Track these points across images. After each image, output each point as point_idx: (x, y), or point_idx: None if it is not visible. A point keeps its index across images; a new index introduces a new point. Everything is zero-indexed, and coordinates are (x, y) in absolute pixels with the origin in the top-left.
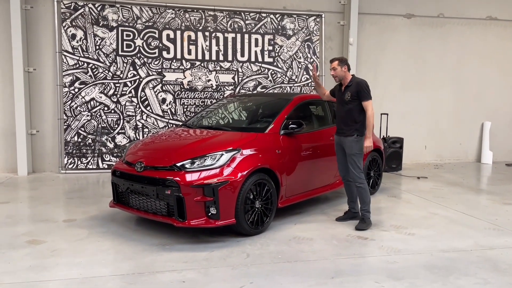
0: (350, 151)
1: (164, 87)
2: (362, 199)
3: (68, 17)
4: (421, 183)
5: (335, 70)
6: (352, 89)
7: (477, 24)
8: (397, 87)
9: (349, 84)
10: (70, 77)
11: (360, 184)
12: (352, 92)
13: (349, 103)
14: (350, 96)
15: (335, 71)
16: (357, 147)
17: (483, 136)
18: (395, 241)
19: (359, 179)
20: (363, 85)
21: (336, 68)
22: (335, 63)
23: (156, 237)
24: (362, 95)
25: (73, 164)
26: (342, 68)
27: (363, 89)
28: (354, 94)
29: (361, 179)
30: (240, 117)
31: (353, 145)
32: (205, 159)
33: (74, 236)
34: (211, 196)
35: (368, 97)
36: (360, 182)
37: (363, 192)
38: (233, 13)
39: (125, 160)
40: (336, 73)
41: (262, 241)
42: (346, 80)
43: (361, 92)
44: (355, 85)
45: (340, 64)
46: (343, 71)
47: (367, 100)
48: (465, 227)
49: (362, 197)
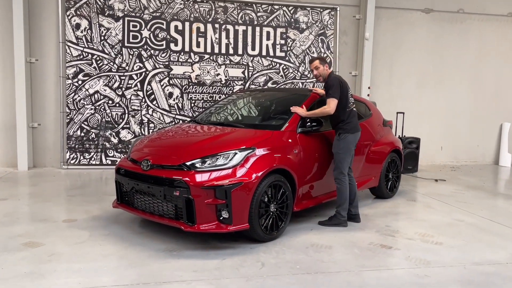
0: (333, 149)
1: (171, 81)
2: (338, 199)
3: (73, 5)
4: (440, 186)
5: (317, 69)
6: (325, 86)
7: (498, 20)
8: (413, 85)
9: (324, 82)
10: (73, 69)
11: (338, 184)
12: (325, 89)
13: (326, 101)
14: (325, 94)
15: (318, 70)
16: (340, 146)
17: (501, 137)
18: (423, 251)
19: (337, 179)
20: (330, 82)
21: (318, 67)
22: (316, 62)
23: (162, 241)
24: (327, 92)
25: (75, 160)
26: (324, 67)
27: (329, 86)
28: (326, 91)
29: (339, 180)
30: (253, 113)
31: (336, 143)
32: (217, 158)
33: (74, 238)
34: (223, 198)
35: (331, 95)
36: (339, 182)
37: (339, 193)
38: (244, 5)
39: (131, 157)
40: (320, 72)
41: (278, 249)
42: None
43: (327, 90)
44: (327, 82)
45: (321, 63)
46: (325, 70)
47: (329, 98)
48: (495, 236)
49: (338, 197)
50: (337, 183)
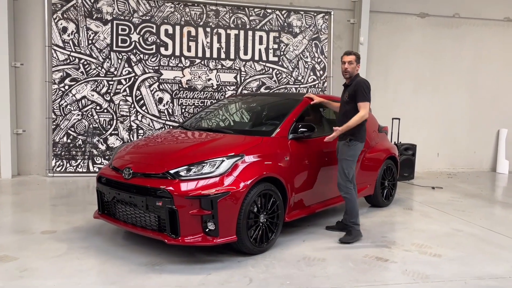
0: (341, 156)
1: (161, 86)
2: (349, 211)
3: (59, 8)
4: (437, 194)
5: (350, 65)
6: (350, 89)
7: (494, 25)
8: (409, 90)
9: (349, 83)
10: (60, 73)
11: (345, 194)
12: (350, 92)
13: (347, 104)
14: (348, 97)
15: (349, 65)
16: (349, 153)
17: (499, 144)
18: (421, 264)
19: (345, 187)
20: (361, 84)
21: (352, 63)
22: (352, 57)
23: (145, 254)
24: (359, 95)
25: (61, 167)
26: (356, 66)
27: (360, 89)
28: (352, 94)
29: (347, 188)
30: (243, 119)
31: (345, 149)
32: (203, 166)
33: (51, 251)
34: (209, 209)
35: (365, 98)
36: (346, 191)
37: (349, 203)
38: (236, 8)
39: (112, 165)
40: (351, 68)
41: (267, 262)
42: (351, 80)
43: (358, 92)
44: (354, 84)
45: (357, 60)
46: (356, 69)
47: (362, 101)
48: (496, 247)
49: (349, 208)
50: (345, 192)
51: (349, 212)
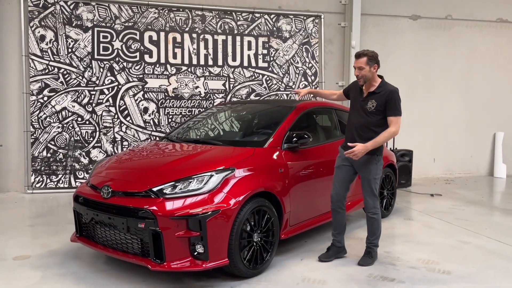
0: (368, 175)
1: (146, 95)
2: (373, 231)
3: (36, 16)
4: (436, 202)
5: (361, 70)
6: (380, 98)
7: (487, 26)
8: (402, 94)
9: (377, 91)
10: (38, 84)
11: (374, 215)
12: (379, 102)
13: (372, 115)
14: (375, 107)
15: (360, 72)
16: (377, 171)
17: (495, 147)
18: (430, 283)
19: (374, 208)
20: (396, 95)
21: (363, 68)
22: (362, 61)
23: (127, 281)
24: (391, 108)
25: (41, 183)
26: (371, 68)
27: (394, 101)
28: (381, 104)
29: (376, 208)
30: (233, 129)
31: (372, 167)
32: (190, 182)
33: (22, 280)
34: (198, 230)
35: (399, 112)
36: (375, 211)
37: (375, 224)
38: (223, 13)
39: (90, 183)
40: (362, 73)
41: (262, 286)
42: (373, 84)
43: (391, 105)
44: (386, 94)
45: (369, 63)
46: (371, 72)
47: (396, 116)
48: (508, 260)
49: (374, 229)
50: (373, 213)
51: (373, 233)
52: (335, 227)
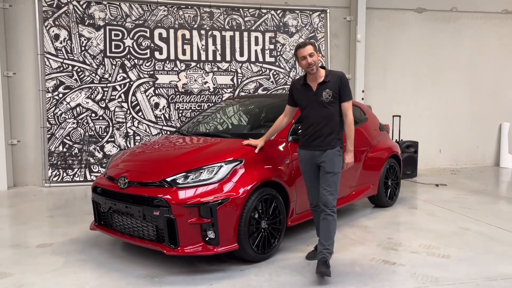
0: (333, 168)
1: (157, 91)
2: (329, 235)
3: (51, 16)
4: (441, 191)
5: (312, 57)
6: (334, 85)
7: (492, 18)
8: (408, 87)
9: (327, 79)
10: (53, 82)
11: (334, 214)
12: (334, 88)
13: (331, 104)
14: (331, 95)
15: (312, 58)
16: (340, 164)
17: (501, 138)
18: (430, 266)
19: (333, 206)
20: (346, 79)
21: (313, 54)
22: (310, 48)
23: (144, 266)
24: (346, 93)
25: (58, 177)
26: (317, 55)
27: (347, 85)
28: (336, 91)
29: (334, 207)
30: (240, 122)
31: (337, 160)
32: (201, 173)
33: (47, 266)
34: (209, 217)
35: (351, 96)
36: (334, 210)
37: (333, 224)
38: (230, 10)
39: (107, 174)
40: (314, 60)
41: (271, 270)
42: (319, 75)
43: (346, 90)
44: (338, 79)
45: (315, 49)
46: (319, 60)
47: (349, 100)
48: (506, 245)
49: (330, 231)
50: (333, 211)
51: (329, 236)
52: (317, 228)
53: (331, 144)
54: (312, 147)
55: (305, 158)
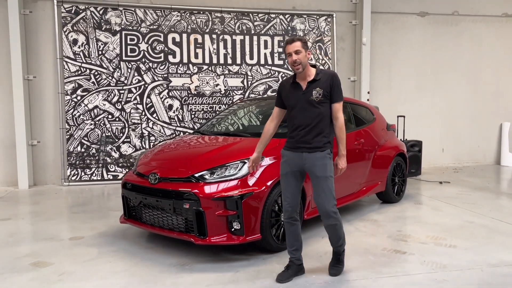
0: (324, 173)
1: (171, 93)
2: (338, 236)
3: (69, 21)
4: (445, 188)
5: (298, 54)
6: (324, 84)
7: (493, 21)
8: (412, 88)
9: (317, 77)
10: (72, 85)
11: (336, 221)
12: (324, 87)
13: (321, 104)
14: (321, 94)
15: (298, 56)
16: (331, 167)
17: (502, 137)
18: (438, 255)
19: (333, 212)
20: (338, 79)
21: (300, 52)
22: (298, 44)
23: (172, 256)
24: (337, 94)
25: (76, 176)
26: (306, 53)
27: (338, 85)
28: (327, 90)
29: (336, 213)
30: (256, 122)
31: (327, 163)
32: (226, 169)
33: (82, 256)
34: (234, 209)
35: (342, 97)
36: (336, 216)
37: (339, 228)
38: (240, 14)
39: (137, 171)
40: (300, 57)
41: None
42: (309, 74)
43: (337, 90)
44: (328, 78)
45: (304, 47)
46: (307, 58)
47: (340, 101)
48: (508, 236)
49: (338, 234)
50: (335, 218)
51: (338, 237)
52: (291, 244)
53: (320, 147)
54: (300, 149)
55: (290, 160)
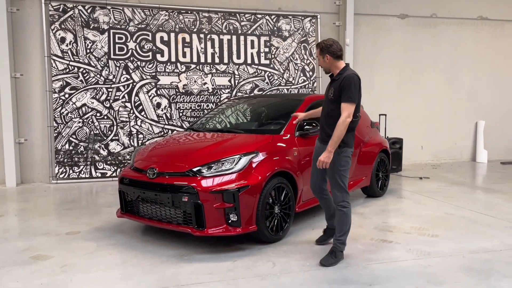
0: (332, 167)
1: (159, 91)
2: (340, 227)
3: (57, 19)
4: (425, 184)
5: (319, 60)
6: (336, 84)
7: (469, 24)
8: (393, 87)
9: (336, 77)
10: (59, 83)
11: (343, 208)
12: (336, 88)
13: (333, 103)
14: (333, 94)
15: (319, 62)
16: (341, 162)
17: (477, 135)
18: (422, 243)
19: (342, 201)
20: (350, 80)
21: (318, 58)
22: (316, 52)
23: (170, 247)
24: (343, 94)
25: (64, 174)
26: (324, 59)
27: (349, 86)
28: (337, 91)
29: (345, 202)
30: (249, 119)
31: (336, 158)
32: (223, 163)
33: (81, 249)
34: (231, 202)
35: (350, 98)
36: (344, 205)
37: (344, 218)
38: (228, 14)
39: (134, 166)
40: (320, 63)
41: (285, 248)
42: (335, 72)
43: (344, 90)
44: (341, 80)
45: (321, 53)
46: (326, 62)
47: (346, 102)
48: (485, 227)
49: (341, 224)
50: (342, 206)
51: (341, 229)
52: (326, 212)
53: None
54: (321, 140)
55: (316, 147)
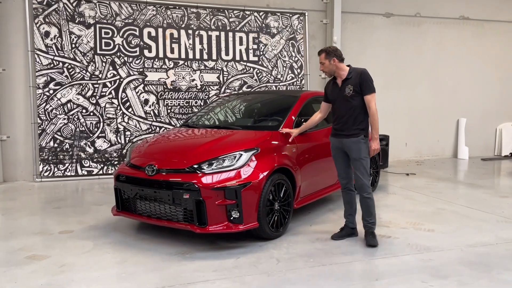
0: (358, 155)
1: (146, 88)
2: (369, 211)
3: (41, 13)
4: (412, 180)
5: (323, 65)
6: (354, 81)
7: (451, 23)
8: (379, 85)
9: (349, 76)
10: (44, 78)
11: (369, 194)
12: (354, 84)
13: (352, 99)
14: (352, 90)
15: (323, 66)
16: (366, 150)
17: (459, 132)
18: (420, 238)
19: (368, 188)
20: (366, 75)
21: (323, 63)
22: (322, 57)
23: (170, 245)
24: (365, 88)
25: (49, 172)
26: (330, 61)
27: (366, 80)
28: (357, 87)
29: (370, 188)
30: (245, 116)
31: (362, 147)
32: (224, 160)
33: (78, 249)
34: (233, 199)
35: (372, 89)
36: (370, 191)
37: (371, 203)
38: (216, 11)
39: (131, 163)
40: (325, 68)
41: (286, 245)
42: (343, 73)
43: (365, 84)
44: (357, 76)
45: (327, 57)
46: (332, 65)
47: (370, 93)
48: (478, 221)
49: (370, 208)
50: (368, 192)
51: (370, 212)
52: (347, 209)
53: (355, 133)
54: (340, 136)
55: (334, 145)
